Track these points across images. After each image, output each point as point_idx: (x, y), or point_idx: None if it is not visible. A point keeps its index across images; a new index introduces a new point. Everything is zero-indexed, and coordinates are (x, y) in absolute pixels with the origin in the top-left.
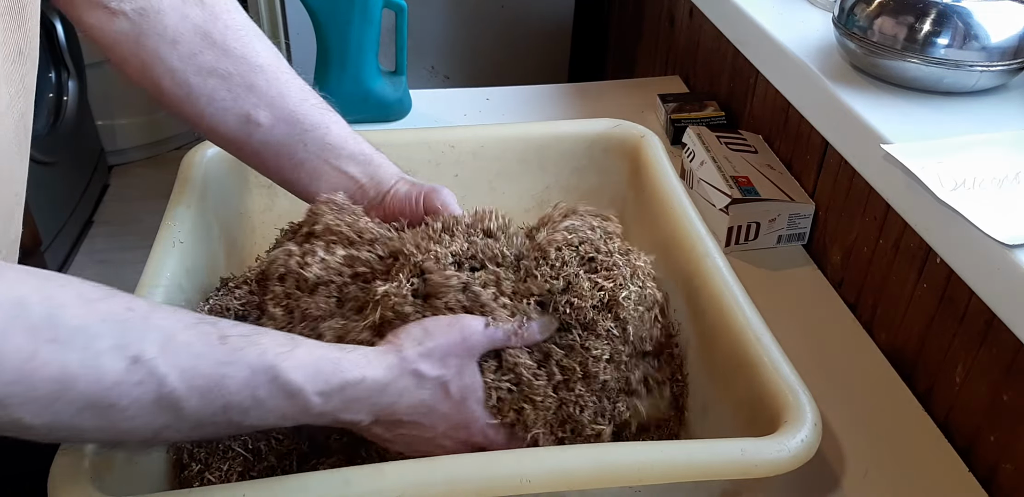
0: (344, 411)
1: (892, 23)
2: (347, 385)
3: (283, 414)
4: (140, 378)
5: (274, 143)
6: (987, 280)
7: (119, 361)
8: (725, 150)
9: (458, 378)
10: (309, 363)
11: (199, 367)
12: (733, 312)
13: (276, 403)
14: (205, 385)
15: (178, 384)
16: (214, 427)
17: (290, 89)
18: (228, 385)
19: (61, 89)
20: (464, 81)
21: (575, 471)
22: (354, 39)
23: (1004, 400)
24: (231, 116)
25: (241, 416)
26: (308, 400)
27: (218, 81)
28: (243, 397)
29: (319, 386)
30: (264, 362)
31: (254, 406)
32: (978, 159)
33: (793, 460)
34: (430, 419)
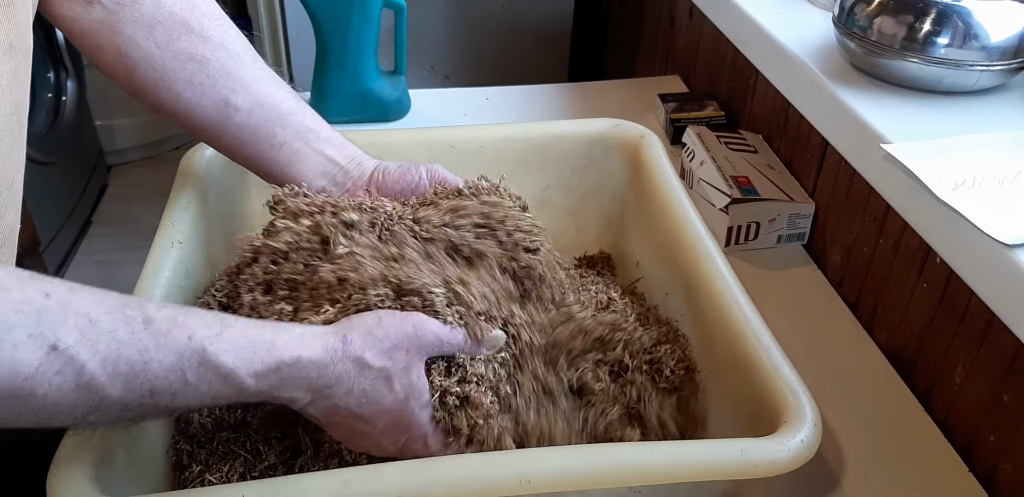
0: (279, 389)
1: (892, 23)
2: (282, 365)
3: (216, 395)
4: (59, 367)
5: (252, 126)
6: (987, 280)
7: (36, 350)
8: (725, 150)
9: (403, 374)
10: (241, 345)
11: (122, 353)
12: (733, 312)
13: (207, 386)
14: (129, 371)
15: (99, 372)
16: (142, 409)
17: (264, 75)
18: (154, 370)
19: (60, 89)
20: (464, 81)
21: (575, 471)
22: (353, 39)
23: (1004, 400)
24: (209, 100)
25: (170, 399)
26: (242, 381)
27: (196, 66)
28: (171, 382)
29: (253, 367)
30: (191, 346)
31: (183, 390)
32: (978, 159)
33: (793, 460)
34: (370, 411)
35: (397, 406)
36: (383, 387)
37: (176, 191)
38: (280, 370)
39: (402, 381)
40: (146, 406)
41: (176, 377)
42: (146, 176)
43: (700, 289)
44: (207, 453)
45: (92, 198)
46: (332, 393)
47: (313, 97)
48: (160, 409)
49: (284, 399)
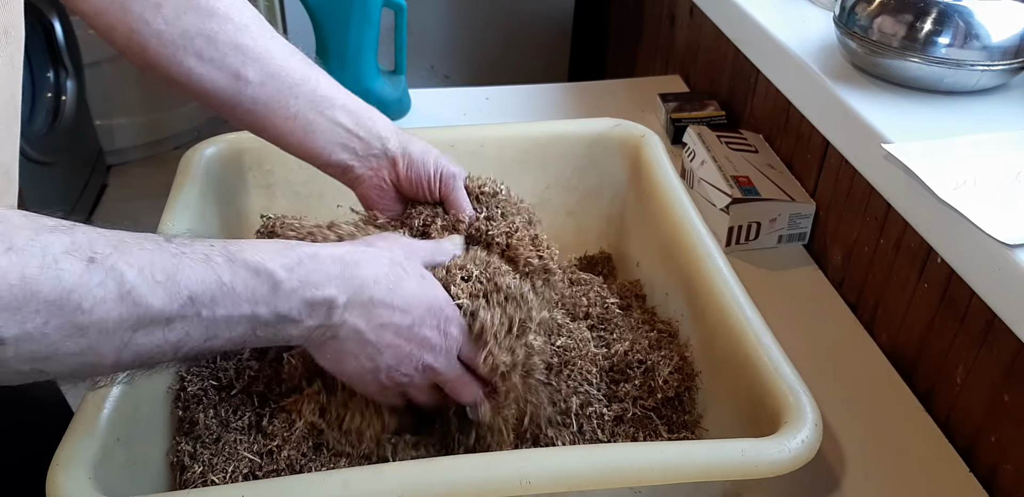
0: (312, 285)
1: (893, 22)
2: (304, 256)
3: (253, 296)
4: (100, 278)
5: (265, 98)
6: (988, 280)
7: (77, 262)
8: (726, 150)
9: (409, 261)
10: (260, 247)
11: (155, 261)
12: (733, 312)
13: (243, 283)
14: (165, 277)
15: (138, 280)
16: (185, 324)
17: (276, 45)
18: (188, 274)
19: (59, 89)
20: (464, 81)
21: (575, 472)
22: (353, 38)
23: (1005, 400)
24: (220, 74)
25: (211, 306)
26: (274, 274)
27: (204, 41)
28: (207, 284)
29: (279, 260)
30: (216, 250)
31: (220, 292)
32: (979, 159)
33: (794, 461)
34: (401, 297)
35: (419, 284)
36: (399, 270)
37: (175, 191)
38: (303, 262)
39: (413, 267)
40: (188, 318)
41: (211, 279)
42: (146, 176)
43: (700, 289)
44: (211, 453)
45: (92, 198)
46: (361, 282)
47: None
48: (203, 321)
49: (320, 300)
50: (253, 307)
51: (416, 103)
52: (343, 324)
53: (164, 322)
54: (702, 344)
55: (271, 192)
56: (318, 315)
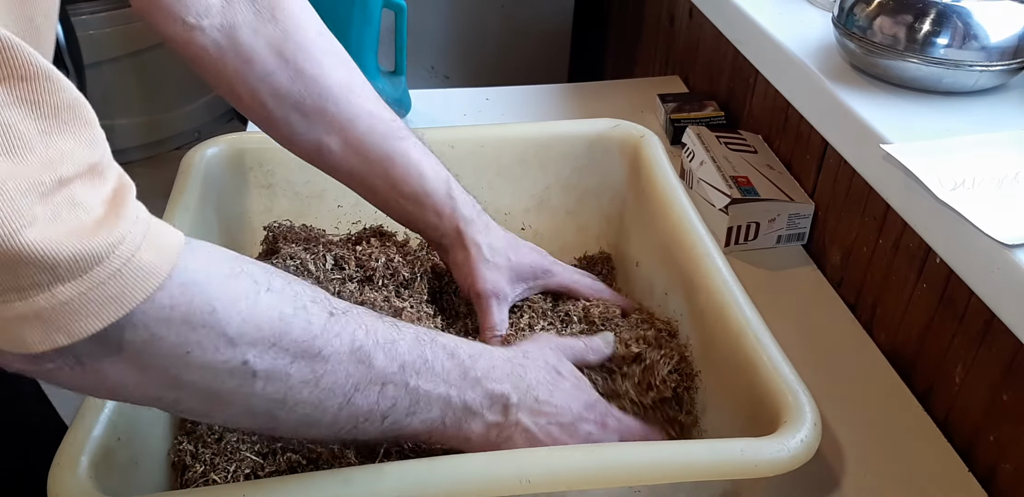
0: (494, 380)
1: (892, 23)
2: (483, 349)
3: (448, 378)
4: (338, 330)
5: (346, 170)
6: (987, 280)
7: (321, 312)
8: (725, 150)
9: (560, 363)
10: (449, 336)
11: (378, 327)
12: (733, 312)
13: (441, 364)
14: (386, 342)
15: (366, 339)
16: (396, 391)
17: (359, 113)
18: (401, 344)
19: None
20: (464, 81)
21: (575, 471)
22: (353, 39)
23: (1004, 400)
24: (305, 141)
25: (416, 378)
26: (463, 360)
27: (291, 106)
28: (415, 357)
29: (465, 349)
30: (420, 330)
31: (424, 367)
32: (978, 159)
33: (793, 460)
34: (561, 397)
35: (575, 385)
36: (555, 373)
37: (176, 191)
38: (483, 355)
39: (566, 367)
40: (398, 385)
41: (418, 353)
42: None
43: (700, 289)
44: (212, 453)
45: None
46: (528, 383)
47: None
48: (409, 391)
49: (498, 394)
50: (447, 389)
51: (416, 103)
52: (517, 424)
53: (380, 384)
54: (701, 344)
55: (272, 192)
56: (496, 410)
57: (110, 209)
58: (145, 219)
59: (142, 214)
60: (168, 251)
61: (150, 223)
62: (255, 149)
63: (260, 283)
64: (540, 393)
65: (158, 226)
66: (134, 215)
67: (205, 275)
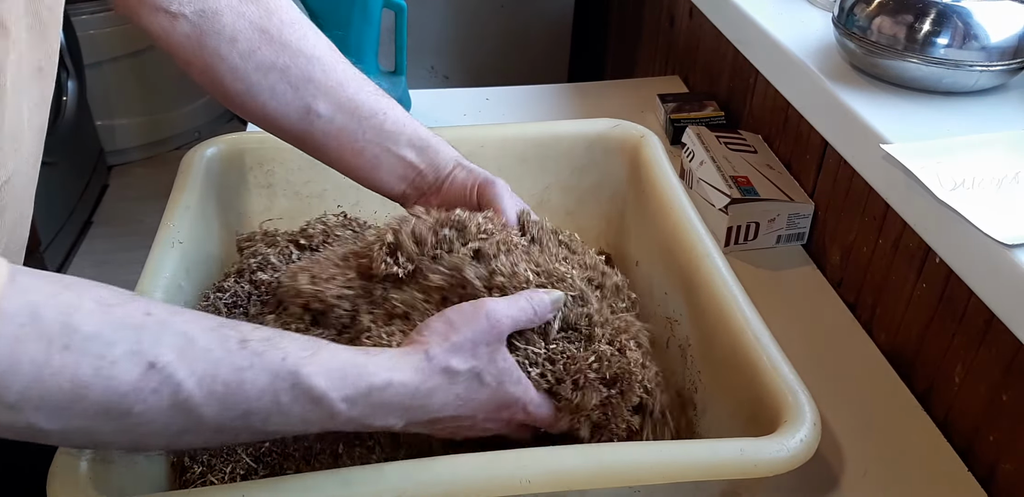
0: (372, 417)
1: (892, 23)
2: (373, 389)
3: (307, 420)
4: (156, 385)
5: (334, 133)
6: (986, 280)
7: (134, 368)
8: (724, 150)
9: (491, 365)
10: (333, 368)
11: (218, 373)
12: (732, 312)
13: (300, 409)
14: (224, 391)
15: (195, 390)
16: (234, 432)
17: (347, 78)
18: (248, 391)
19: (60, 89)
20: (464, 81)
21: (575, 471)
22: (354, 39)
23: (1003, 400)
24: (292, 109)
25: (263, 422)
26: (333, 406)
27: (277, 75)
28: (264, 403)
29: (344, 392)
30: (285, 367)
31: (276, 412)
32: (977, 159)
33: (792, 460)
34: (468, 410)
35: (492, 395)
36: (475, 385)
37: (176, 191)
38: (371, 395)
39: (491, 372)
40: (238, 429)
41: (270, 399)
42: (147, 176)
43: (699, 289)
44: (209, 455)
45: (93, 198)
46: (428, 409)
47: None
48: (252, 432)
49: (377, 427)
50: (306, 427)
51: (416, 103)
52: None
53: (213, 430)
54: (701, 344)
55: (272, 192)
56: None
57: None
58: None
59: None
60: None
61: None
62: (255, 149)
63: (54, 342)
64: (443, 413)
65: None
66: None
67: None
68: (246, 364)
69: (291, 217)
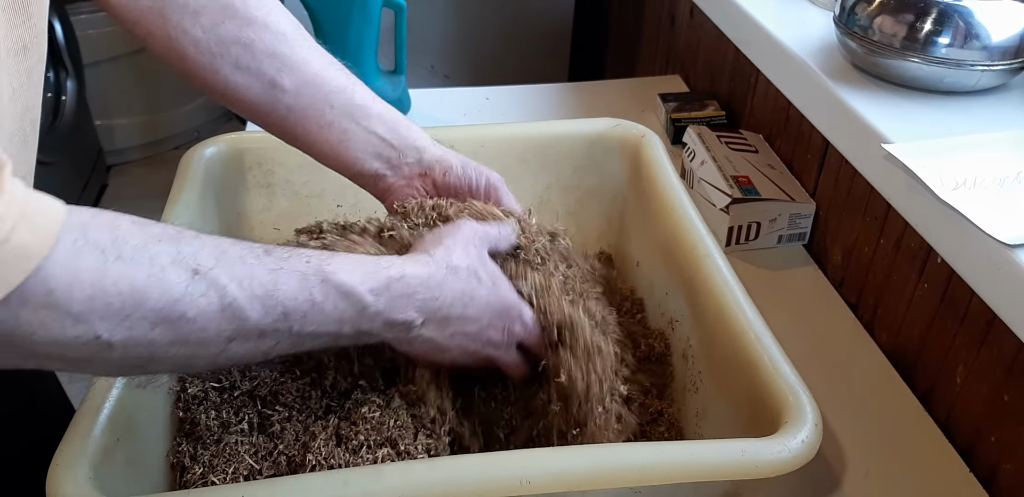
0: (395, 310)
1: (893, 22)
2: (391, 281)
3: (341, 317)
4: (203, 290)
5: (300, 107)
6: (988, 280)
7: (182, 274)
8: (726, 150)
9: (482, 265)
10: (352, 266)
11: (255, 276)
12: (733, 312)
13: (333, 304)
14: (263, 292)
15: (238, 293)
16: (276, 336)
17: (313, 54)
18: (284, 290)
19: (59, 89)
20: (464, 81)
21: (575, 472)
22: (353, 38)
23: (1005, 400)
24: (256, 82)
25: (301, 322)
26: (362, 297)
27: (241, 49)
28: (300, 302)
29: (368, 284)
30: (311, 267)
31: (312, 310)
32: (979, 159)
33: (794, 460)
34: (474, 309)
35: (491, 292)
36: (474, 281)
37: (175, 191)
38: (391, 287)
39: (485, 271)
40: (280, 332)
41: (304, 297)
42: (146, 176)
43: (700, 289)
44: (211, 455)
45: (91, 198)
46: (439, 304)
47: None
48: (292, 336)
49: (399, 322)
50: (339, 326)
51: (416, 103)
52: (419, 337)
53: (258, 334)
54: (702, 344)
55: (271, 192)
56: (397, 331)
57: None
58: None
59: (17, 192)
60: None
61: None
62: (254, 149)
63: (108, 253)
64: (453, 310)
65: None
66: (8, 196)
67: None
68: (276, 266)
69: (290, 217)
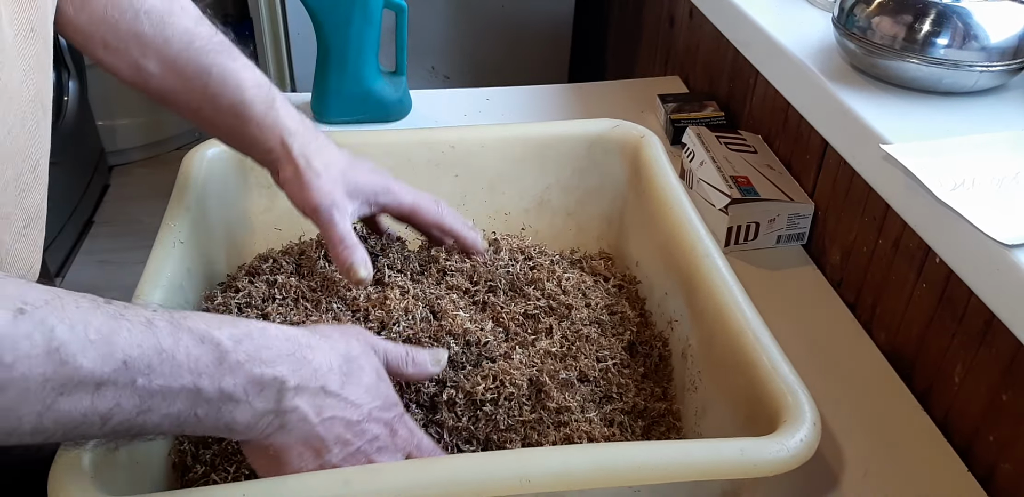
0: (263, 362)
1: (891, 23)
2: (254, 330)
3: (196, 367)
4: (27, 330)
5: (168, 91)
6: (986, 280)
7: (3, 313)
8: (725, 150)
9: (364, 356)
10: (207, 317)
11: (91, 321)
12: (732, 312)
13: (185, 352)
14: (99, 338)
15: (69, 336)
16: (117, 393)
17: (175, 32)
18: (126, 337)
19: (62, 89)
20: (464, 81)
21: (575, 471)
22: (354, 39)
23: (1003, 400)
24: (124, 65)
25: (148, 375)
26: (220, 343)
27: (107, 28)
28: (145, 349)
29: (226, 330)
30: (158, 315)
31: (159, 360)
32: (977, 159)
33: (792, 460)
34: (355, 391)
35: (374, 382)
36: (353, 365)
37: (177, 191)
38: (252, 335)
39: (367, 361)
40: (121, 386)
41: (150, 344)
42: (148, 176)
43: (700, 289)
44: (212, 454)
45: (94, 198)
46: (313, 369)
47: (314, 97)
48: (137, 393)
49: (268, 378)
50: (195, 379)
51: (417, 104)
52: (294, 410)
53: (93, 387)
54: (701, 344)
55: (272, 192)
56: (267, 397)
57: None
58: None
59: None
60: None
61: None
62: None
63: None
64: (328, 382)
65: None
66: None
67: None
68: (119, 313)
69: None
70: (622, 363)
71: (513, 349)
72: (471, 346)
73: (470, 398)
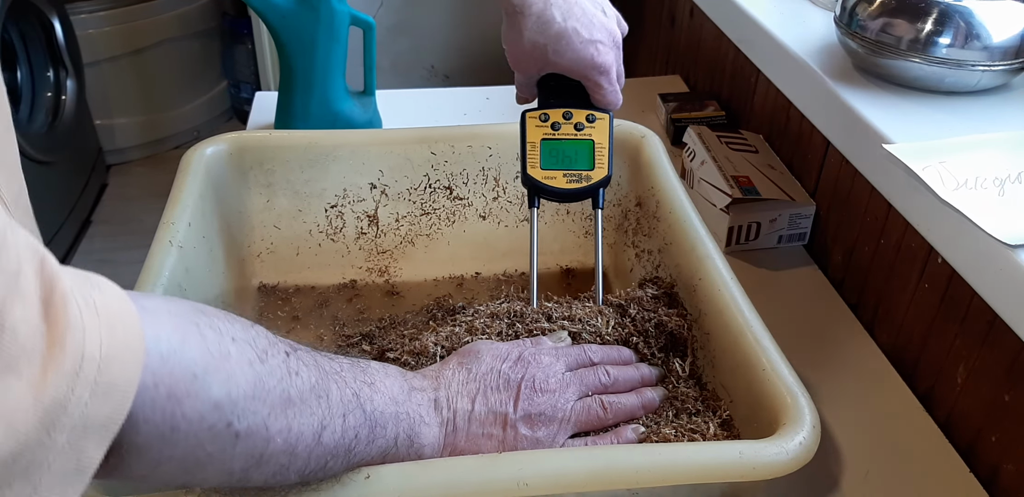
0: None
1: (894, 23)
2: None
3: (394, 395)
4: (297, 368)
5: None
6: (989, 280)
7: (279, 353)
8: (726, 150)
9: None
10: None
11: (318, 361)
12: (732, 313)
13: (383, 383)
14: (332, 373)
15: (317, 373)
16: (355, 420)
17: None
18: (346, 374)
19: (59, 88)
20: (464, 81)
21: (573, 474)
22: (320, 59)
23: (1006, 400)
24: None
25: (370, 402)
26: (400, 373)
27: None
28: (360, 383)
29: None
30: (347, 358)
31: (372, 390)
32: (980, 159)
33: (792, 462)
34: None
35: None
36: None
37: (176, 190)
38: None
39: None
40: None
41: (363, 379)
42: (146, 175)
43: (700, 290)
44: None
45: (92, 197)
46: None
47: (278, 119)
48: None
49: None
50: (395, 407)
51: (416, 103)
52: (455, 412)
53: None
54: (701, 345)
55: (271, 191)
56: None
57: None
58: (91, 315)
59: (85, 310)
60: (131, 339)
61: (98, 315)
62: (255, 148)
63: (224, 334)
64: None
65: (108, 314)
66: (79, 325)
67: (180, 339)
68: (328, 357)
69: (290, 216)
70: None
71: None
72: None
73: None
